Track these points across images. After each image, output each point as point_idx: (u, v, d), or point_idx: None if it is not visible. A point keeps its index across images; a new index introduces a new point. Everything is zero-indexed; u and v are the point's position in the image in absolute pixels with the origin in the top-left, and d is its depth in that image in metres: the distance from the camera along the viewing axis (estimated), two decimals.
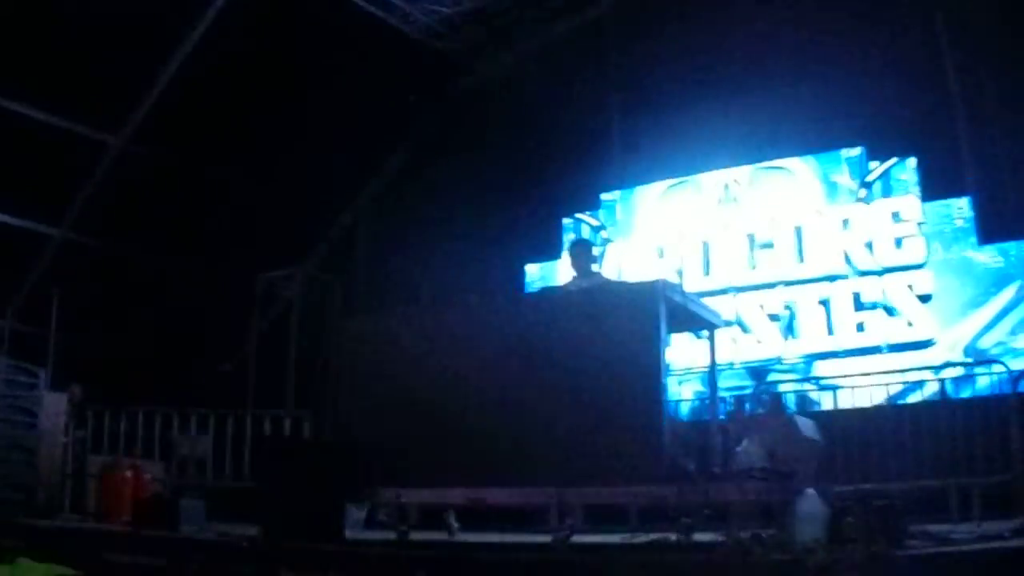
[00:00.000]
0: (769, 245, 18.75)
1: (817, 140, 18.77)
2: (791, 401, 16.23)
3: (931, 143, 17.73)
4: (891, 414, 14.98)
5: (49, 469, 15.27)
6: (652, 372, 9.17)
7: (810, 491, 8.23)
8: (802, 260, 18.44)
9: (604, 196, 20.95)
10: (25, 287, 20.13)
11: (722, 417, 12.62)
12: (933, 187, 17.65)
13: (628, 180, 20.95)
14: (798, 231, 18.59)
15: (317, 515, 10.15)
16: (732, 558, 6.79)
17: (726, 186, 19.72)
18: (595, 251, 11.96)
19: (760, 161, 19.26)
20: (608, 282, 11.44)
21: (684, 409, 17.07)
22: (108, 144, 19.31)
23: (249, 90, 19.05)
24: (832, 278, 18.04)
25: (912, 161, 17.89)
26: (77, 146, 19.00)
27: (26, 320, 19.63)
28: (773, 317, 18.37)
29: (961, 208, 17.38)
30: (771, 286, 18.60)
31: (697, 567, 7.18)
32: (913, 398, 16.55)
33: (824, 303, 18.05)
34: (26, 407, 15.30)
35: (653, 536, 9.06)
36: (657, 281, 9.68)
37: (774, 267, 18.68)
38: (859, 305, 17.76)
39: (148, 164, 19.59)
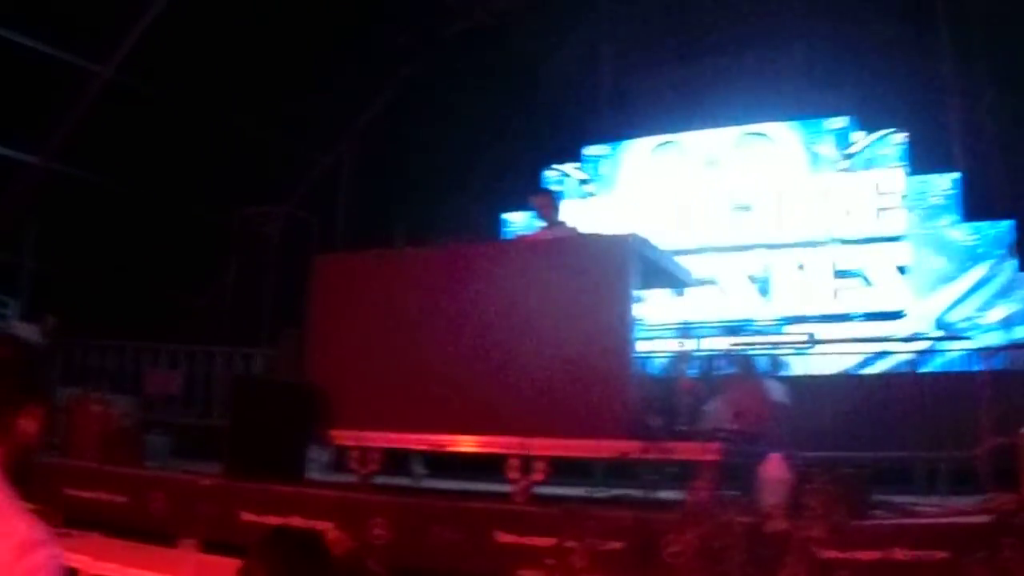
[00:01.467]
0: (749, 208, 18.68)
1: (806, 107, 18.78)
2: (762, 363, 16.22)
3: (920, 117, 17.73)
4: (861, 383, 15.02)
5: None
6: (620, 326, 9.11)
7: (775, 455, 8.20)
8: (781, 225, 18.37)
9: (590, 150, 20.92)
10: (3, 217, 19.99)
11: (692, 375, 12.58)
12: (920, 161, 17.66)
13: (613, 134, 20.91)
14: (779, 197, 18.54)
15: (279, 456, 10.13)
16: (692, 518, 6.73)
17: (710, 149, 19.66)
18: (559, 201, 11.79)
19: (747, 123, 19.20)
20: (578, 233, 11.33)
21: (656, 365, 17.10)
22: (94, 73, 19.13)
23: (237, 25, 18.84)
24: (811, 244, 17.98)
25: (898, 135, 17.92)
26: (62, 74, 18.81)
27: (6, 251, 19.49)
28: (751, 279, 18.30)
29: (940, 184, 17.46)
30: (750, 248, 18.55)
31: (657, 524, 7.14)
32: (881, 366, 16.63)
33: (801, 268, 18.01)
34: None
35: (615, 491, 9.07)
36: (629, 235, 9.60)
37: (754, 230, 18.64)
38: (836, 272, 17.71)
39: (133, 96, 19.39)
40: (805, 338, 17.50)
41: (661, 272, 10.25)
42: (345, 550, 7.08)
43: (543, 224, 11.25)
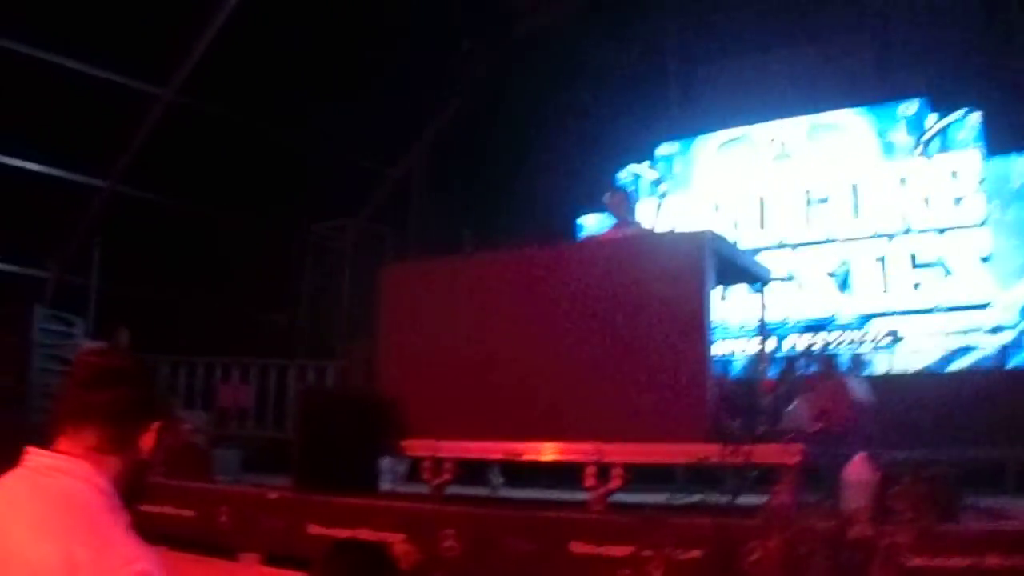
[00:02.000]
0: (824, 201, 18.35)
1: (877, 92, 18.41)
2: (843, 361, 15.90)
3: (996, 96, 17.30)
4: (947, 379, 14.63)
5: None
6: (697, 326, 8.86)
7: (859, 456, 7.93)
8: (858, 217, 18.00)
9: (662, 149, 20.71)
10: (72, 240, 20.05)
11: (773, 376, 12.32)
12: (997, 142, 17.23)
13: (683, 131, 20.67)
14: (854, 187, 18.17)
15: (351, 468, 9.98)
16: (773, 524, 6.47)
17: (782, 142, 19.34)
18: (632, 199, 11.56)
19: (818, 112, 18.87)
20: (651, 232, 11.12)
21: (736, 366, 16.81)
22: (157, 96, 19.16)
23: (300, 39, 18.80)
24: (889, 236, 17.62)
25: (975, 116, 17.48)
26: (125, 99, 18.87)
27: (75, 272, 19.56)
28: (830, 274, 17.95)
29: (1020, 166, 17.02)
30: (827, 242, 18.19)
31: (737, 532, 6.89)
32: (966, 361, 16.21)
33: (880, 261, 17.64)
34: (63, 356, 15.19)
35: (695, 498, 8.80)
36: (704, 232, 9.37)
37: (830, 223, 18.28)
38: (916, 263, 17.32)
39: (197, 116, 19.42)
40: (887, 334, 17.16)
41: (738, 269, 10.02)
42: (413, 563, 6.93)
43: (616, 223, 11.07)
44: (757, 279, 10.85)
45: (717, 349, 9.32)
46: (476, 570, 7.69)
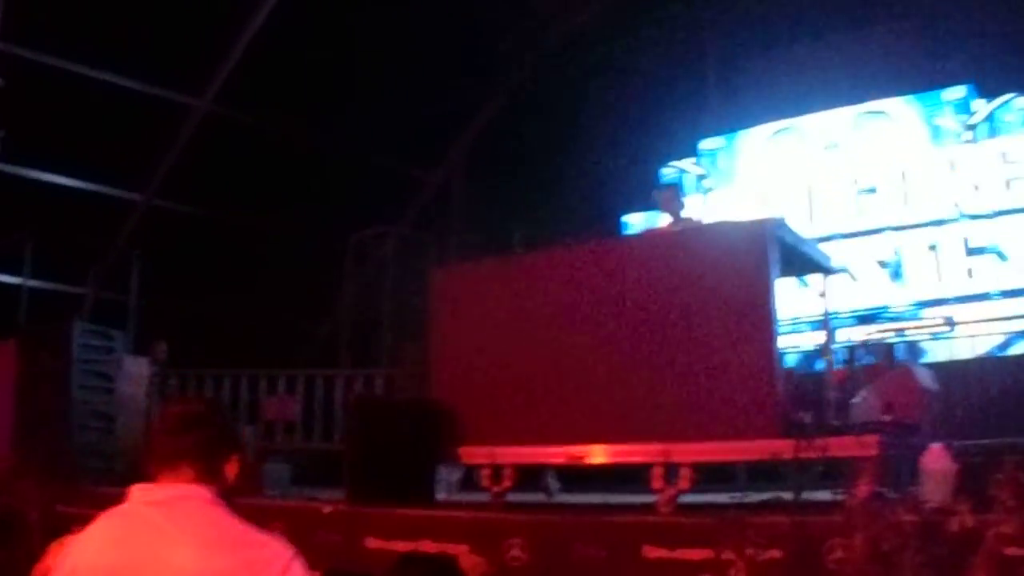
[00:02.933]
0: (873, 190, 18.09)
1: (922, 79, 18.17)
2: (900, 351, 15.68)
3: None
4: (1005, 365, 14.36)
5: (129, 435, 14.99)
6: (764, 317, 8.58)
7: (937, 446, 7.66)
8: (908, 205, 17.72)
9: (705, 144, 20.56)
10: (110, 254, 19.99)
11: (839, 368, 12.09)
12: None
13: (726, 126, 20.49)
14: (903, 175, 17.88)
15: (405, 478, 9.74)
16: (856, 519, 6.19)
17: (828, 132, 19.13)
18: (701, 196, 11.38)
19: (863, 102, 18.64)
20: (708, 224, 10.88)
21: (790, 359, 16.60)
22: (192, 106, 19.10)
23: (335, 45, 18.71)
24: (940, 222, 17.34)
25: (1021, 99, 17.24)
26: (160, 110, 18.86)
27: (113, 288, 19.51)
28: (881, 264, 17.69)
29: None
30: (878, 232, 17.92)
31: (816, 529, 6.62)
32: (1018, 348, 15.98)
33: (933, 248, 17.36)
34: (103, 372, 15.04)
35: (764, 496, 8.55)
36: (767, 220, 9.09)
37: (880, 212, 18.02)
38: (969, 250, 17.03)
39: (233, 125, 19.39)
40: (942, 322, 16.90)
41: (802, 258, 9.72)
42: (482, 575, 6.68)
43: (667, 219, 10.86)
44: (821, 268, 10.57)
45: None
46: None
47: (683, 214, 10.90)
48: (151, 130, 18.94)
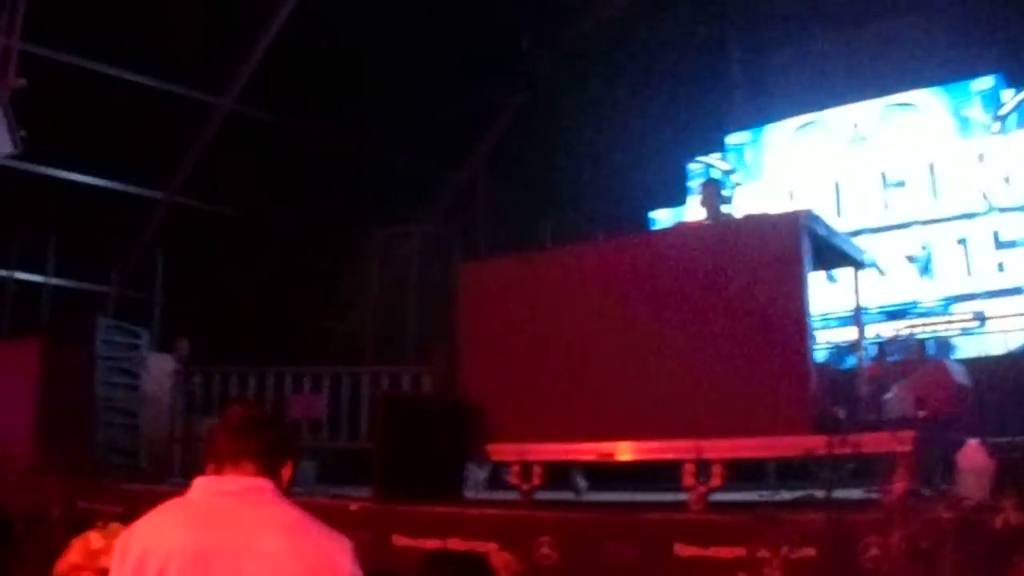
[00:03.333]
0: (901, 184, 18.00)
1: (950, 69, 18.12)
2: (930, 346, 15.60)
3: None
4: None
5: (153, 432, 15.00)
6: (797, 311, 8.47)
7: (973, 442, 7.57)
8: (937, 198, 17.64)
9: (731, 139, 20.59)
10: (134, 252, 20.04)
11: (872, 363, 12.00)
12: None
13: (752, 120, 20.51)
14: (931, 168, 17.78)
15: (434, 475, 9.69)
16: (894, 517, 6.11)
17: (855, 125, 19.02)
18: (725, 193, 11.29)
19: (889, 94, 18.59)
20: (740, 218, 10.84)
21: (820, 356, 16.59)
22: (215, 105, 19.15)
23: (357, 44, 18.73)
24: (970, 216, 17.26)
25: None
26: (183, 109, 18.97)
27: (137, 286, 19.58)
28: (910, 259, 17.59)
29: None
30: (906, 226, 17.84)
31: (852, 526, 6.54)
32: None
33: (962, 242, 17.28)
34: (128, 369, 15.04)
35: (797, 493, 8.46)
36: (800, 212, 8.97)
37: (908, 206, 17.96)
38: (999, 243, 16.94)
39: (256, 124, 19.46)
40: (972, 317, 16.80)
41: (834, 251, 9.62)
42: (513, 573, 6.60)
43: (705, 216, 10.81)
44: (853, 262, 10.47)
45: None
46: None
47: (722, 211, 10.87)
48: (174, 129, 19.08)
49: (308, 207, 20.44)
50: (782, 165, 19.67)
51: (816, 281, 11.08)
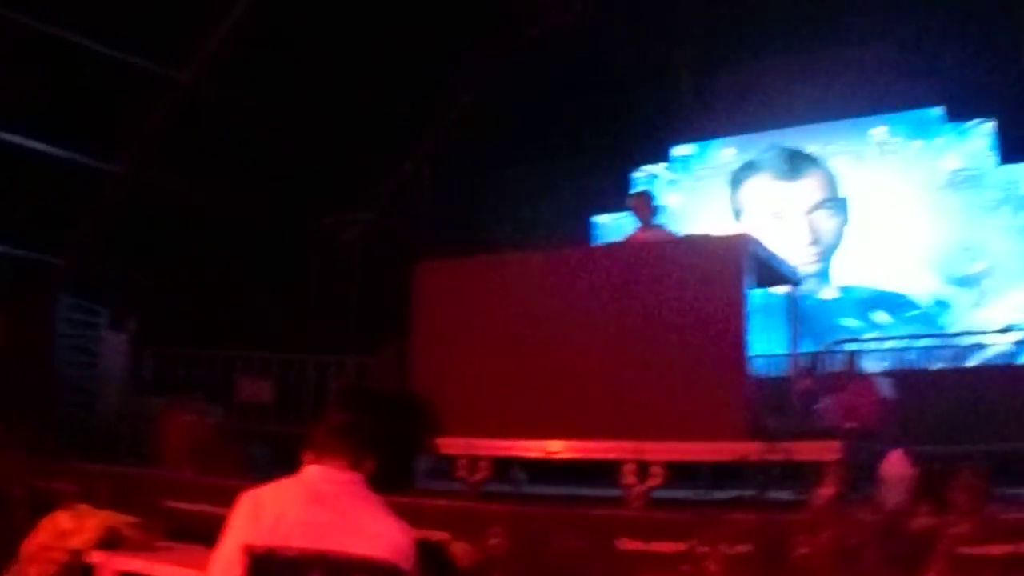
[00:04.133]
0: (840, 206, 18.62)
1: (894, 100, 18.65)
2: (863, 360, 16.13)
3: (1009, 106, 17.61)
4: (965, 376, 14.82)
5: (108, 411, 15.17)
6: (735, 325, 8.99)
7: (896, 452, 8.10)
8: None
9: (677, 150, 20.94)
10: (87, 226, 20.01)
11: (803, 375, 12.52)
12: (1009, 150, 17.56)
13: (698, 134, 20.93)
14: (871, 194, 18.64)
15: (387, 466, 10.04)
16: (823, 518, 6.62)
17: (795, 146, 19.72)
18: (654, 202, 11.70)
19: (836, 119, 19.11)
20: (689, 235, 11.29)
21: (756, 367, 17.06)
22: (173, 80, 19.18)
23: (314, 31, 18.89)
24: None
25: (988, 125, 17.83)
26: (141, 82, 18.82)
27: (87, 260, 19.51)
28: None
29: None
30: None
31: (783, 526, 7.04)
32: (977, 359, 16.42)
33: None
34: (86, 347, 15.22)
35: (732, 494, 8.95)
36: (742, 235, 9.53)
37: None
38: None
39: (213, 102, 19.43)
40: (903, 334, 17.36)
41: (772, 270, 10.14)
42: (471, 562, 7.02)
43: (640, 226, 11.26)
44: (789, 280, 10.99)
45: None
46: (524, 567, 7.78)
47: (653, 221, 11.26)
48: (133, 101, 18.94)
49: (259, 189, 20.50)
50: (724, 180, 20.13)
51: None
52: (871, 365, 15.82)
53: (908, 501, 7.06)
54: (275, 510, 4.34)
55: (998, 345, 16.40)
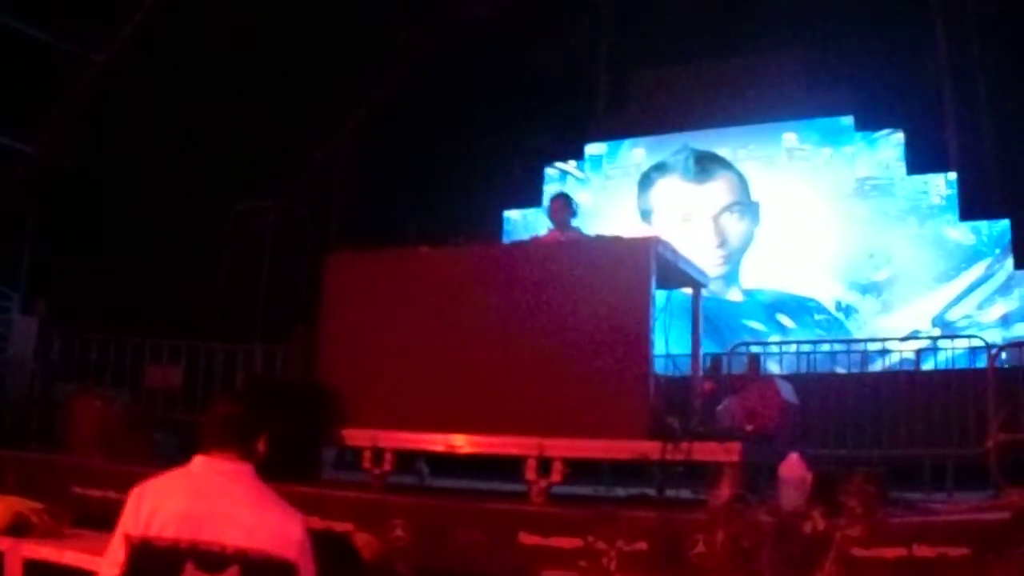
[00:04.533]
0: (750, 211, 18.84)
1: (805, 108, 18.89)
2: (765, 363, 16.29)
3: (918, 117, 17.91)
4: (866, 381, 15.05)
5: (17, 396, 15.09)
6: (641, 328, 9.13)
7: (794, 455, 8.25)
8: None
9: (590, 149, 21.07)
10: None
11: (706, 377, 12.67)
12: (918, 161, 17.83)
13: (611, 133, 21.04)
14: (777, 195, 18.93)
15: (294, 456, 10.10)
16: (719, 518, 6.76)
17: (706, 149, 19.87)
18: (574, 206, 11.81)
19: (745, 125, 19.32)
20: (594, 236, 11.39)
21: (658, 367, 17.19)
22: (91, 61, 19.00)
23: (234, 14, 18.81)
24: None
25: (896, 136, 18.13)
26: (58, 61, 18.61)
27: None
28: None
29: (937, 184, 17.65)
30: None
31: (680, 525, 7.19)
32: (879, 365, 16.64)
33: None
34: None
35: (631, 491, 9.09)
36: (650, 238, 9.66)
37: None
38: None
39: (130, 84, 19.28)
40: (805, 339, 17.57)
41: (679, 272, 10.29)
42: (375, 553, 7.11)
43: (553, 228, 11.38)
44: (695, 282, 11.13)
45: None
46: (426, 558, 7.87)
47: (571, 225, 11.38)
48: (48, 81, 18.69)
49: (172, 174, 20.38)
50: (634, 179, 20.30)
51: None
52: (774, 368, 16.05)
53: (805, 503, 7.22)
54: (155, 502, 4.43)
55: (901, 352, 16.62)
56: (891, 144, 18.29)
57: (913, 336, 16.92)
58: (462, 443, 9.77)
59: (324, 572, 4.68)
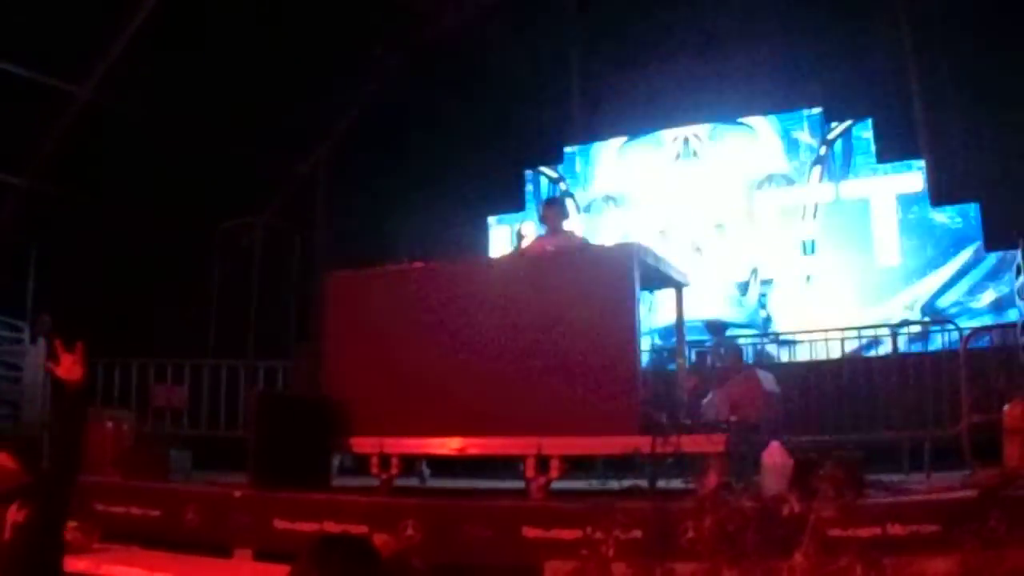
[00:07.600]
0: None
1: (777, 100, 19.15)
2: (749, 354, 16.57)
3: (886, 106, 18.19)
4: (846, 368, 15.32)
5: (32, 420, 15.43)
6: (627, 330, 9.69)
7: (775, 444, 8.79)
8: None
9: (568, 151, 21.25)
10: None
11: (691, 372, 13.17)
12: (888, 149, 18.08)
13: (590, 134, 21.28)
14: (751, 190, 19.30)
15: (304, 465, 10.61)
16: (706, 505, 7.25)
17: (686, 140, 20.13)
18: (566, 210, 12.32)
19: (721, 120, 19.59)
20: (584, 243, 11.89)
21: (646, 364, 17.45)
22: (71, 94, 19.22)
23: (211, 38, 19.03)
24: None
25: (866, 128, 18.37)
26: (39, 96, 18.77)
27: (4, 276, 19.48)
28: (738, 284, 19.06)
29: (908, 173, 18.04)
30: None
31: (672, 513, 7.71)
32: (869, 355, 16.79)
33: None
34: (10, 361, 15.48)
35: (625, 484, 9.64)
36: (633, 244, 10.26)
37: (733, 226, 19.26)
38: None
39: (110, 115, 19.45)
40: (784, 330, 17.86)
41: (661, 275, 10.85)
42: (392, 552, 7.60)
43: (547, 232, 11.87)
44: (676, 284, 11.66)
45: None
46: (437, 554, 8.31)
47: (563, 228, 11.85)
48: (31, 115, 18.84)
49: (162, 196, 20.52)
50: (611, 175, 20.80)
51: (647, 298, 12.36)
52: (756, 360, 16.43)
53: (786, 489, 7.74)
54: None
55: (881, 340, 16.75)
56: (866, 130, 18.40)
57: (902, 324, 16.97)
58: (466, 446, 10.28)
59: (348, 572, 4.98)
